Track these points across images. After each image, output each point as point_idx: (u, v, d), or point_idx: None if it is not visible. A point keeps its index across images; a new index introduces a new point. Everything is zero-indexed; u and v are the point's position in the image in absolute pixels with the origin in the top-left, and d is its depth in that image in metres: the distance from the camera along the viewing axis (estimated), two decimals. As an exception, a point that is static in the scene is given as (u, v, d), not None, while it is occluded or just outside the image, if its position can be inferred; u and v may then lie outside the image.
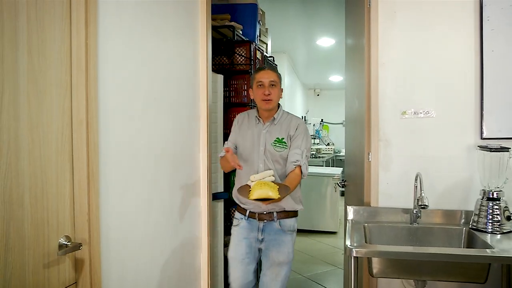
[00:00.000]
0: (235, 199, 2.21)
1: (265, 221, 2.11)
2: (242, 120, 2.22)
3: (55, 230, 1.27)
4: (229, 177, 2.92)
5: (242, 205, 2.16)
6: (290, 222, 2.12)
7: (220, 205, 2.66)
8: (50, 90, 1.25)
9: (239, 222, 2.18)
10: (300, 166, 2.02)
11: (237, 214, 2.22)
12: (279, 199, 1.77)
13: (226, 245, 2.86)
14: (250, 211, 2.13)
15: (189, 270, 2.23)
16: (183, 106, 2.13)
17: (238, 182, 2.15)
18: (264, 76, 2.09)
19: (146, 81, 1.78)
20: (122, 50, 1.60)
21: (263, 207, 2.02)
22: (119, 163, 1.57)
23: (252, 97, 2.18)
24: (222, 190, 2.68)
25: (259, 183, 1.82)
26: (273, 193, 1.76)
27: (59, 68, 1.29)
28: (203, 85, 2.31)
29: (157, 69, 1.87)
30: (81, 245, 1.34)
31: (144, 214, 1.77)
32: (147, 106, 1.78)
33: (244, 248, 2.14)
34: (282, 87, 2.19)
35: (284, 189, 1.84)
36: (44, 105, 1.23)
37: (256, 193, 1.76)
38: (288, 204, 2.09)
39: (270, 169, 2.02)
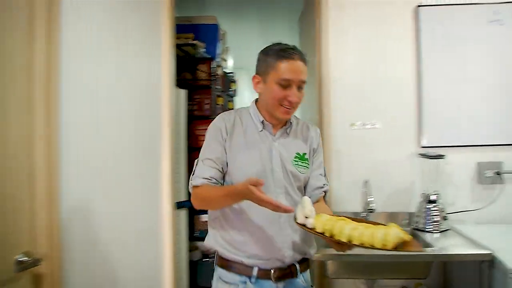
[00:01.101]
0: (219, 248, 1.32)
1: (285, 279, 1.30)
2: (232, 125, 1.33)
3: (12, 247, 1.17)
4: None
5: (241, 258, 1.27)
6: (308, 273, 1.41)
7: (182, 213, 2.57)
8: (9, 105, 1.16)
9: None
10: (326, 192, 1.40)
11: (226, 275, 1.30)
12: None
13: (191, 250, 2.77)
14: (259, 268, 1.26)
15: (153, 282, 2.13)
16: (147, 119, 2.05)
17: (239, 229, 1.28)
18: (295, 71, 1.25)
19: (109, 95, 1.70)
20: (85, 65, 1.52)
21: (295, 252, 1.30)
22: (81, 177, 1.48)
23: (258, 91, 1.34)
24: (185, 199, 2.59)
25: (329, 220, 1.14)
26: (404, 233, 1.09)
27: (20, 83, 1.20)
28: (166, 99, 2.24)
29: (120, 83, 1.79)
30: (41, 261, 1.23)
31: (108, 227, 1.67)
32: (110, 120, 1.70)
33: None
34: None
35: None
36: (3, 120, 1.14)
37: (392, 236, 1.06)
38: (312, 244, 1.39)
39: (304, 197, 1.22)
